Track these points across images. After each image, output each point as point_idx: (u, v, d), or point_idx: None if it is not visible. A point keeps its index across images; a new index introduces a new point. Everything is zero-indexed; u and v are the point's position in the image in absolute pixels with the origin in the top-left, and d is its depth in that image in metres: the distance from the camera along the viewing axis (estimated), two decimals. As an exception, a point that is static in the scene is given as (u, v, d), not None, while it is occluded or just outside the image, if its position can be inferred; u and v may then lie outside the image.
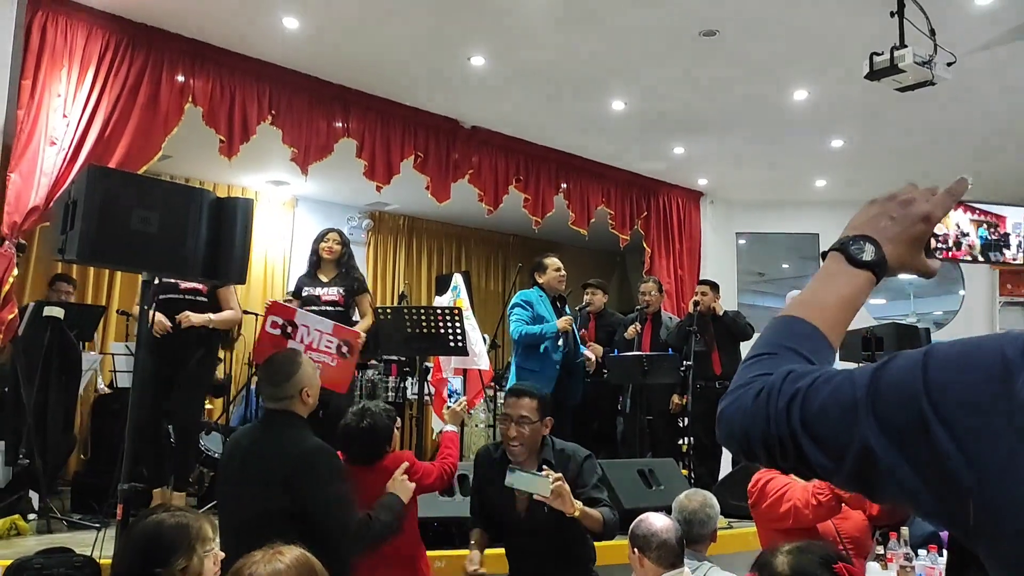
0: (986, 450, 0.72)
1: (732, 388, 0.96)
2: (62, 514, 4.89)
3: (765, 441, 0.88)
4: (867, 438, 0.79)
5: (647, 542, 2.78)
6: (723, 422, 0.94)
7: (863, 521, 2.96)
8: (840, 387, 0.84)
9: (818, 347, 0.96)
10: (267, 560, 1.74)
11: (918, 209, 1.02)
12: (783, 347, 0.96)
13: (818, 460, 0.84)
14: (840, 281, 1.00)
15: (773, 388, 0.89)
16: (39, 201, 4.90)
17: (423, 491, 3.43)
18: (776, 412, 0.87)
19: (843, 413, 0.82)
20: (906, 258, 1.02)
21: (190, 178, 8.07)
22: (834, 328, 0.99)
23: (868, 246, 1.00)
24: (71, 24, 5.21)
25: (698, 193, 9.54)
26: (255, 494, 2.88)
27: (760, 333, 1.03)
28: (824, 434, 0.83)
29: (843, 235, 1.04)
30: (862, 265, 1.00)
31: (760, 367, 0.94)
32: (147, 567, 2.00)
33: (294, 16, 5.52)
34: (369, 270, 9.90)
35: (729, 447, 0.96)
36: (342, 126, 6.57)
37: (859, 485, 0.84)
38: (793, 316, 1.00)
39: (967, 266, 9.46)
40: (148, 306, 3.48)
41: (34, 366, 4.76)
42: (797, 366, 0.91)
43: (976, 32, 5.46)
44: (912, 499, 0.79)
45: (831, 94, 6.59)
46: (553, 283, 5.91)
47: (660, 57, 6.09)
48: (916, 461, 0.76)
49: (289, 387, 3.05)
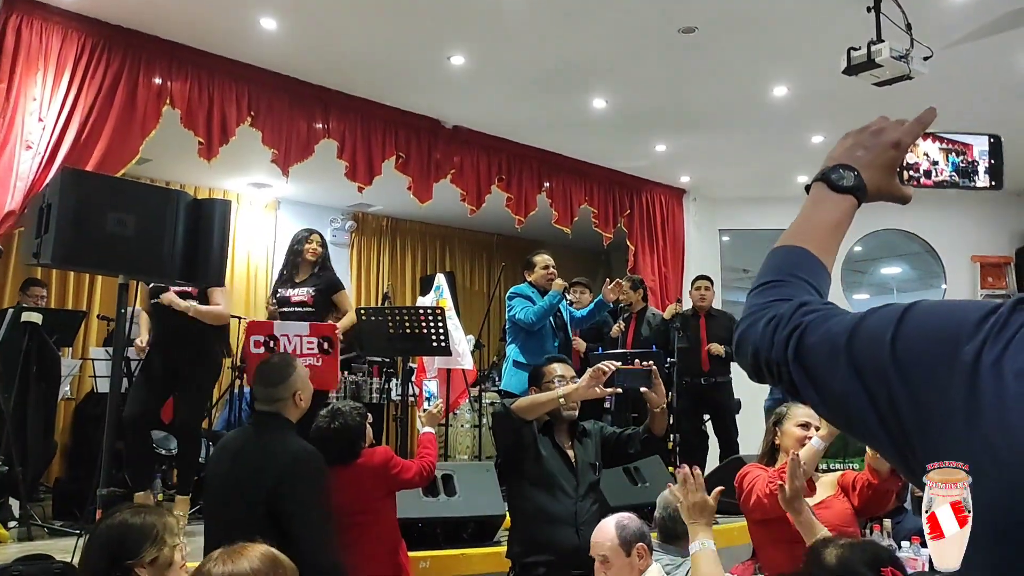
0: (932, 402, 0.79)
1: (748, 312, 1.05)
2: (43, 521, 4.85)
3: (767, 364, 0.98)
4: (843, 377, 0.87)
5: (644, 533, 2.77)
6: (739, 343, 1.05)
7: (847, 510, 2.97)
8: (832, 328, 0.91)
9: (818, 272, 1.06)
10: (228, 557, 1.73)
11: (888, 137, 1.11)
12: (791, 275, 1.05)
13: (805, 391, 0.93)
14: (827, 207, 1.10)
15: (783, 318, 0.98)
16: (15, 205, 4.85)
17: (403, 487, 3.45)
18: (778, 340, 0.97)
19: (830, 352, 0.90)
20: (882, 183, 1.11)
21: (170, 181, 8.02)
22: (827, 251, 1.08)
23: (848, 173, 1.09)
24: (46, 26, 5.16)
25: (681, 190, 9.56)
26: (243, 497, 2.88)
27: (764, 262, 1.11)
28: (811, 368, 0.92)
29: (824, 166, 1.12)
30: (844, 190, 1.09)
31: (773, 293, 1.04)
32: (116, 562, 1.99)
33: (272, 16, 5.49)
34: (353, 272, 9.88)
35: (743, 366, 1.05)
36: (322, 127, 6.54)
37: (837, 420, 0.93)
38: (792, 245, 1.09)
39: (949, 263, 9.56)
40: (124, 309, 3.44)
41: (12, 372, 4.71)
42: (808, 297, 1.01)
43: (952, 26, 5.49)
44: (873, 438, 0.87)
45: (810, 90, 6.62)
46: (541, 281, 5.87)
47: (640, 54, 6.09)
48: (876, 403, 0.84)
49: (284, 389, 3.06)
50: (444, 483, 4.34)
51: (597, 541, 2.80)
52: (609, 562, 2.78)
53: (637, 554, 2.74)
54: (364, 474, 3.31)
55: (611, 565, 2.78)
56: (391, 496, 3.44)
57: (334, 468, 3.29)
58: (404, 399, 5.11)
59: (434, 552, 4.16)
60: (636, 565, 2.74)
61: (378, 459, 3.36)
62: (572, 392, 3.08)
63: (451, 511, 4.32)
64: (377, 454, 3.40)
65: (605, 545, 2.80)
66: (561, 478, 3.19)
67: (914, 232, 9.78)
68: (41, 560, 3.32)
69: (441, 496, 4.31)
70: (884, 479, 2.90)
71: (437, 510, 4.27)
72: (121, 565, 1.98)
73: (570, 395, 3.08)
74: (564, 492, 3.18)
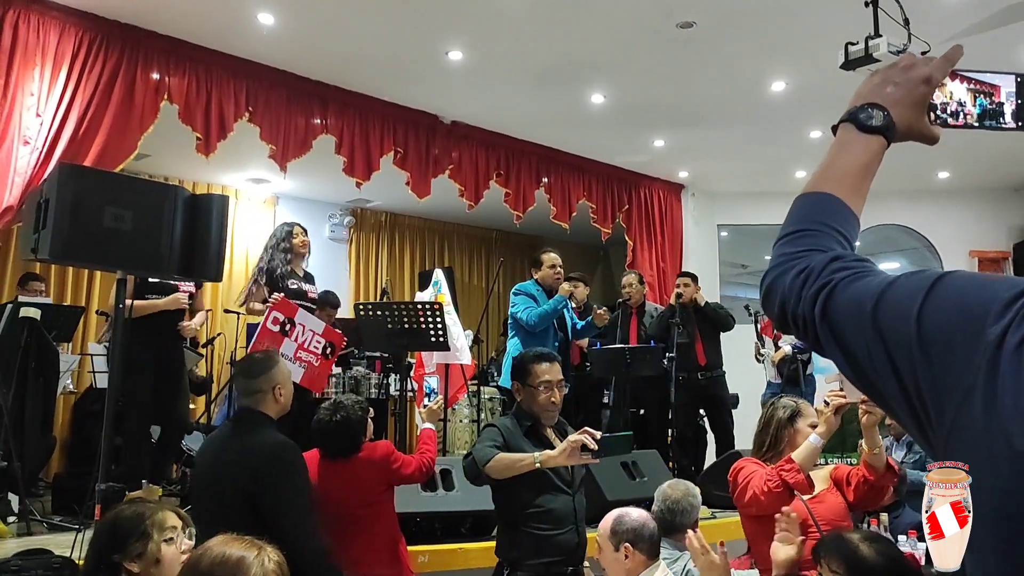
0: (953, 380, 0.77)
1: (776, 261, 1.01)
2: (43, 516, 4.85)
3: (794, 316, 0.96)
4: (868, 342, 0.85)
5: (639, 534, 2.78)
6: (768, 292, 1.02)
7: (840, 505, 2.97)
8: (861, 290, 0.89)
9: (847, 219, 1.02)
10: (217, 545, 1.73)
11: (918, 72, 1.08)
12: (820, 223, 1.01)
13: (830, 349, 0.91)
14: (856, 149, 1.05)
15: (812, 272, 0.95)
16: (12, 201, 4.85)
17: (403, 482, 3.46)
18: (807, 295, 0.94)
19: (856, 315, 0.88)
20: (912, 121, 1.07)
21: (169, 177, 8.01)
22: (856, 196, 1.04)
23: (877, 112, 1.05)
24: (43, 22, 5.15)
25: (679, 185, 9.57)
26: (224, 493, 2.89)
27: (790, 209, 1.06)
28: (837, 328, 0.90)
29: (851, 106, 1.08)
30: (873, 130, 1.05)
31: (804, 243, 1.00)
32: (106, 555, 2.00)
33: (269, 11, 5.48)
34: (351, 267, 9.88)
35: (769, 315, 1.03)
36: (320, 122, 6.53)
37: (859, 382, 0.90)
38: (819, 192, 1.04)
39: (947, 258, 9.57)
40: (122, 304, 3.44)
41: (10, 367, 4.72)
42: (840, 251, 0.98)
43: (950, 21, 5.49)
44: (894, 404, 0.85)
45: (808, 84, 6.62)
46: (548, 280, 5.86)
47: (638, 50, 6.09)
48: (899, 372, 0.82)
49: (264, 381, 3.06)
50: (443, 478, 4.35)
51: (601, 523, 2.87)
52: (601, 549, 2.82)
53: (623, 553, 2.75)
54: (365, 468, 3.32)
55: (602, 552, 2.82)
56: (391, 491, 3.45)
57: (335, 461, 3.30)
58: (403, 394, 5.11)
59: (433, 546, 4.17)
60: (622, 562, 2.76)
61: (379, 453, 3.37)
62: (548, 460, 2.99)
63: (449, 506, 4.33)
64: (378, 448, 3.41)
65: (601, 531, 2.84)
66: (557, 477, 3.18)
67: (912, 227, 9.79)
68: (41, 555, 3.33)
69: (440, 491, 4.31)
70: (880, 475, 2.89)
71: (436, 505, 4.28)
72: (108, 560, 1.99)
73: (545, 462, 3.00)
74: (561, 490, 3.17)
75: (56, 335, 5.24)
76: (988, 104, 1.15)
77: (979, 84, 1.14)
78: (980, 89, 1.14)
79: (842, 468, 3.12)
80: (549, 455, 3.00)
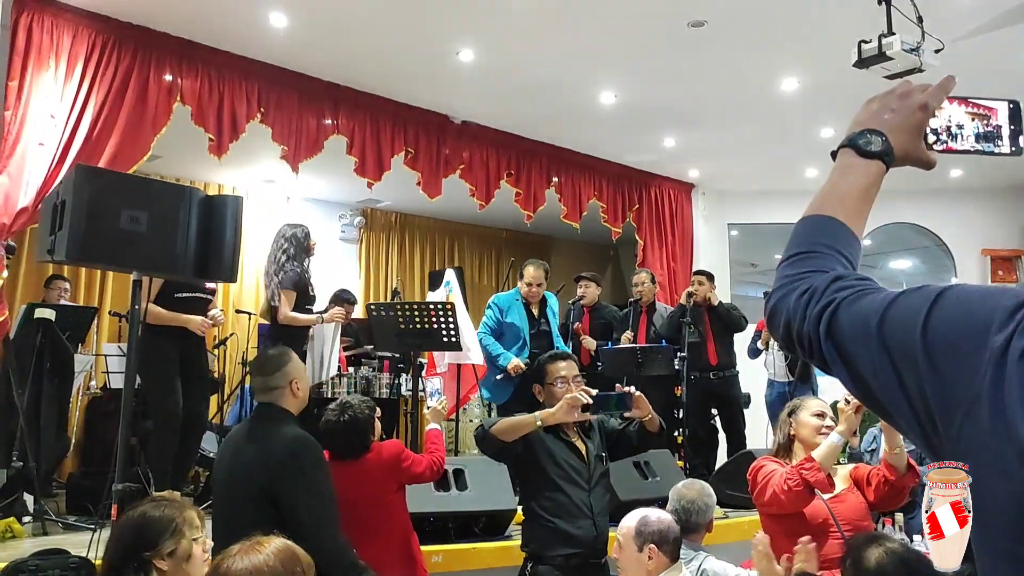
0: (960, 389, 0.78)
1: (780, 282, 1.04)
2: (57, 516, 4.87)
3: (799, 336, 0.98)
4: (873, 358, 0.87)
5: (664, 536, 2.78)
6: (772, 314, 1.03)
7: (861, 505, 2.96)
8: (865, 307, 0.91)
9: (849, 242, 1.05)
10: (246, 552, 1.74)
11: (915, 100, 1.11)
12: (822, 244, 1.04)
13: (836, 367, 0.93)
14: (856, 173, 1.09)
15: (816, 291, 0.97)
16: (28, 203, 4.88)
17: (413, 481, 3.46)
18: (811, 314, 0.96)
19: (861, 332, 0.89)
20: (909, 147, 1.10)
21: (181, 178, 8.04)
22: (857, 219, 1.07)
23: (875, 137, 1.09)
24: (57, 24, 5.18)
25: (689, 185, 9.55)
26: (244, 490, 2.89)
27: (793, 232, 1.09)
28: (842, 346, 0.91)
29: (849, 132, 1.12)
30: (872, 155, 1.08)
31: (807, 264, 1.02)
32: (136, 552, 2.01)
33: (281, 13, 5.50)
34: (362, 267, 9.90)
35: (775, 336, 1.05)
36: (332, 123, 6.55)
37: (865, 398, 0.91)
38: (821, 215, 1.07)
39: (959, 256, 9.53)
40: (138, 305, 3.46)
41: (26, 368, 4.75)
42: (842, 271, 1.00)
43: (963, 18, 5.47)
44: (900, 418, 0.86)
45: (821, 83, 6.59)
46: (523, 293, 6.00)
47: (649, 49, 6.08)
48: (905, 386, 0.83)
49: (280, 377, 3.06)
50: (455, 478, 4.36)
51: (622, 523, 2.86)
52: (622, 548, 2.81)
53: (647, 554, 2.75)
54: (375, 468, 3.33)
55: (623, 552, 2.81)
56: (402, 490, 3.45)
57: (345, 462, 3.30)
58: (414, 394, 5.12)
59: (446, 546, 4.18)
60: (644, 563, 2.76)
61: (388, 453, 3.38)
62: (548, 417, 3.11)
63: (463, 505, 4.34)
64: (387, 448, 3.41)
65: (623, 531, 2.83)
66: (574, 471, 3.21)
67: (924, 226, 9.75)
68: (58, 555, 3.34)
69: (452, 490, 4.32)
70: (901, 475, 2.89)
71: (449, 504, 4.29)
72: (139, 556, 2.00)
73: (546, 419, 3.11)
74: (578, 484, 3.20)
75: (70, 336, 5.27)
76: (984, 126, 1.16)
77: (976, 106, 1.16)
78: (977, 112, 1.16)
79: (862, 468, 3.11)
80: (548, 412, 3.13)
